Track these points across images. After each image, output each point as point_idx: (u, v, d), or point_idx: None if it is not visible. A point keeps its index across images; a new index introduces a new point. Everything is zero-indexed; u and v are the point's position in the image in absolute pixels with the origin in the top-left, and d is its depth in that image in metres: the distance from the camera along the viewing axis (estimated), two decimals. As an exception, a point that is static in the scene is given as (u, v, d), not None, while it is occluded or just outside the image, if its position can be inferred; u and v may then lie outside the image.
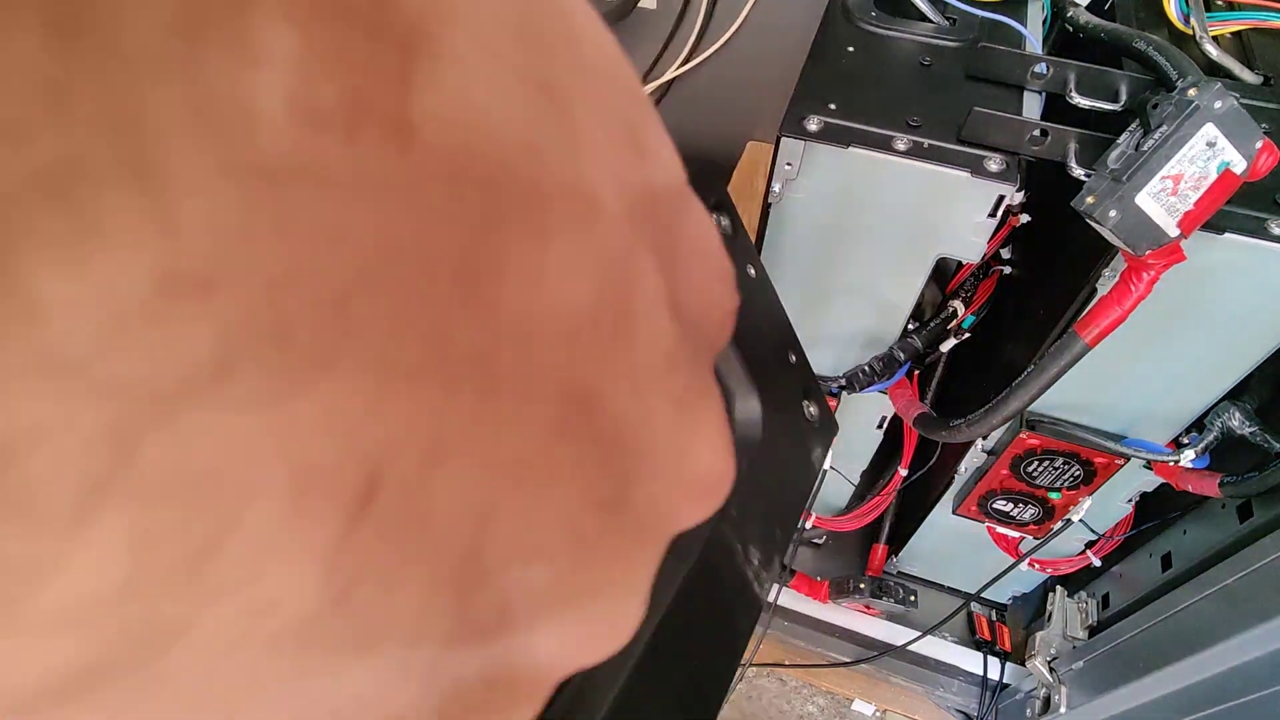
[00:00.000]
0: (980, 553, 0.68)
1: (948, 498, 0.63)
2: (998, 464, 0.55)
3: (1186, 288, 0.39)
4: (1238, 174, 0.33)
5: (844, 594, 0.74)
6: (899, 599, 0.72)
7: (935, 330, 0.52)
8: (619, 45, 0.11)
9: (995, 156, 0.40)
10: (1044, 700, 0.67)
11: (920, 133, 0.41)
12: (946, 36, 0.47)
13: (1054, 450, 0.52)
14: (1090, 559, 0.62)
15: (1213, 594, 0.51)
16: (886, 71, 0.45)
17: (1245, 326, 0.41)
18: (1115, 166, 0.35)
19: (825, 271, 0.49)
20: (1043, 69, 0.43)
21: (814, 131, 0.42)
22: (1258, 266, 0.38)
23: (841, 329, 0.53)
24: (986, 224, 0.42)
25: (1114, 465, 0.51)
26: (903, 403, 0.55)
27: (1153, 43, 0.39)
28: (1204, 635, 0.50)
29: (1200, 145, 0.32)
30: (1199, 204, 0.33)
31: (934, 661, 0.76)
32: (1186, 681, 0.51)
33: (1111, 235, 0.35)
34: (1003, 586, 0.71)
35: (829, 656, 0.77)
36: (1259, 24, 0.46)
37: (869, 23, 0.48)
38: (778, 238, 0.48)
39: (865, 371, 0.53)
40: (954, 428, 0.46)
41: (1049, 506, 0.57)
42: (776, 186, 0.44)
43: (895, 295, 0.49)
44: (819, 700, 0.90)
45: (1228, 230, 0.37)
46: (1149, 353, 0.44)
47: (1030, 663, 0.69)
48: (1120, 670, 0.58)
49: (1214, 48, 0.44)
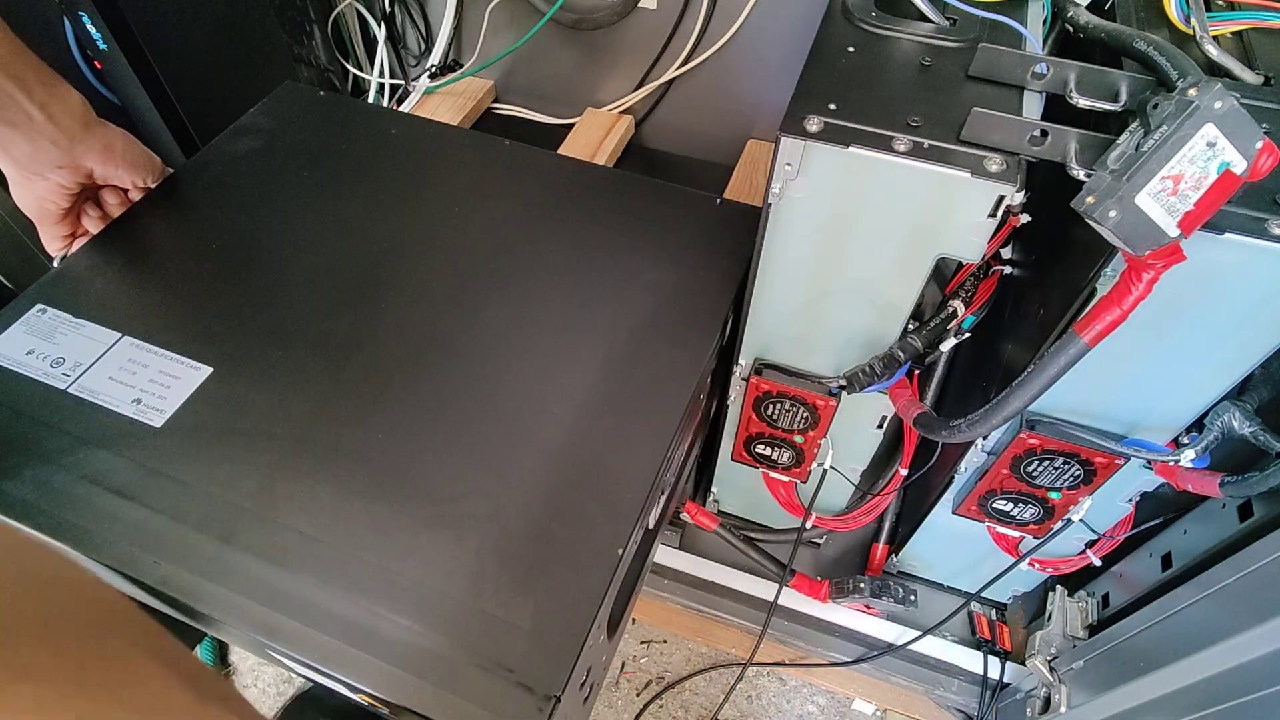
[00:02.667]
0: (980, 552, 0.69)
1: (948, 498, 0.63)
2: (998, 464, 0.55)
3: (1186, 288, 0.39)
4: (1238, 174, 0.33)
5: (844, 594, 0.74)
6: (899, 599, 0.72)
7: (935, 330, 0.52)
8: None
9: (995, 156, 0.40)
10: (1044, 700, 0.67)
11: (920, 133, 0.41)
12: (946, 36, 0.47)
13: (1054, 450, 0.52)
14: (1090, 558, 0.62)
15: (1213, 594, 0.51)
16: (886, 71, 0.45)
17: (1245, 326, 0.41)
18: (1115, 166, 0.35)
19: (825, 271, 0.49)
20: (1043, 69, 0.43)
21: (814, 131, 0.42)
22: (1258, 266, 0.38)
23: (841, 329, 0.53)
24: (986, 224, 0.42)
25: (1114, 465, 0.51)
26: (903, 403, 0.55)
27: (1153, 43, 0.39)
28: (1204, 635, 0.50)
29: (1200, 145, 0.32)
30: (1199, 204, 0.33)
31: (934, 661, 0.76)
32: (1186, 681, 0.51)
33: (1111, 235, 0.35)
34: (1003, 586, 0.71)
35: (829, 656, 0.77)
36: (1259, 24, 0.46)
37: (869, 23, 0.48)
38: (778, 237, 0.48)
39: (865, 371, 0.53)
40: (954, 428, 0.46)
41: (1049, 506, 0.57)
42: (776, 186, 0.44)
43: (895, 295, 0.49)
44: (819, 700, 0.90)
45: (1228, 230, 0.37)
46: (1149, 353, 0.44)
47: (1030, 662, 0.69)
48: (1120, 670, 0.58)
49: (1214, 48, 0.44)
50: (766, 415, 0.62)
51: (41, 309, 0.55)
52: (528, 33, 0.92)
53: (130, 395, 0.51)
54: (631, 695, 0.90)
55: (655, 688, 0.90)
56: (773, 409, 0.61)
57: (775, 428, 0.63)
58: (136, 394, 0.51)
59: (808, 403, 0.59)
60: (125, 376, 0.52)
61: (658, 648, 0.93)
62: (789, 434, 0.63)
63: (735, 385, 0.61)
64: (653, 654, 0.93)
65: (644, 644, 0.94)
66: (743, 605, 0.80)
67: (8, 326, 0.54)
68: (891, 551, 0.78)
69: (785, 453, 0.66)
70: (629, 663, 0.92)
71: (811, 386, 0.57)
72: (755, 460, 0.68)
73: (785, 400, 0.59)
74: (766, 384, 0.58)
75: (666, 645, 0.94)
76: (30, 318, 0.54)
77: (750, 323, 0.55)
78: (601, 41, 0.98)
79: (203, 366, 0.52)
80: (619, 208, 0.63)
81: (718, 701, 0.89)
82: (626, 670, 0.92)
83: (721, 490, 0.78)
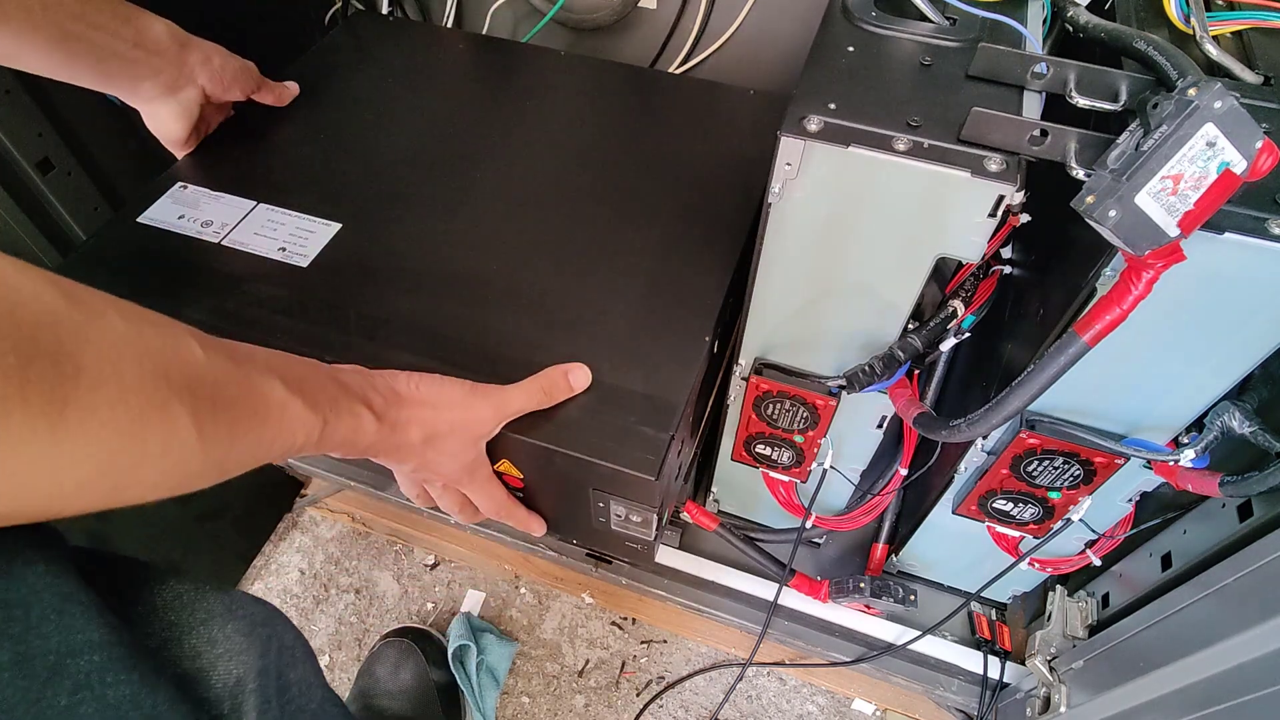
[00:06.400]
0: (980, 552, 0.68)
1: (948, 497, 0.63)
2: (998, 463, 0.55)
3: (1186, 288, 0.39)
4: (1238, 174, 0.33)
5: (844, 593, 0.74)
6: (899, 598, 0.72)
7: (935, 330, 0.52)
8: None
9: (995, 156, 0.40)
10: (1044, 699, 0.67)
11: (920, 133, 0.41)
12: (946, 36, 0.47)
13: (1054, 450, 0.52)
14: (1090, 558, 0.62)
15: (1213, 593, 0.51)
16: (886, 71, 0.45)
17: (1245, 326, 0.41)
18: (1115, 166, 0.35)
19: (825, 271, 0.49)
20: (1043, 69, 0.43)
21: (814, 131, 0.42)
22: (1258, 266, 0.38)
23: (841, 329, 0.53)
24: (986, 224, 0.42)
25: (1114, 465, 0.51)
26: (903, 403, 0.55)
27: (1153, 43, 0.39)
28: (1204, 635, 0.50)
29: (1200, 145, 0.32)
30: (1199, 204, 0.33)
31: (934, 661, 0.76)
32: (1186, 681, 0.51)
33: (1111, 235, 0.35)
34: (1003, 586, 0.71)
35: (829, 656, 0.77)
36: (1259, 24, 0.46)
37: (869, 23, 0.48)
38: (778, 238, 0.48)
39: (865, 371, 0.53)
40: (954, 428, 0.46)
41: (1049, 506, 0.57)
42: (776, 186, 0.44)
43: (895, 295, 0.49)
44: (819, 700, 0.90)
45: (1228, 230, 0.37)
46: (1149, 352, 0.44)
47: (1030, 662, 0.69)
48: (1120, 669, 0.58)
49: (1214, 47, 0.44)
50: (766, 415, 0.62)
51: (182, 185, 0.64)
52: (529, 33, 0.92)
53: (275, 245, 0.60)
54: (631, 695, 0.90)
55: (655, 688, 0.90)
56: (773, 409, 0.61)
57: (775, 428, 0.63)
58: (280, 244, 0.60)
59: (808, 402, 0.59)
60: (267, 232, 0.61)
61: (658, 648, 0.93)
62: (789, 434, 0.63)
63: (735, 385, 0.61)
64: (653, 654, 0.93)
65: (644, 644, 0.94)
66: (743, 605, 0.80)
67: (156, 200, 0.63)
68: (891, 551, 0.78)
69: (785, 453, 0.66)
70: (629, 663, 0.92)
71: (811, 386, 0.57)
72: (755, 460, 0.68)
73: (785, 400, 0.59)
74: (766, 384, 0.58)
75: (666, 645, 0.94)
76: (174, 192, 0.64)
77: (750, 322, 0.55)
78: (602, 41, 0.98)
79: (333, 223, 0.62)
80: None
81: (718, 701, 0.89)
82: (626, 670, 0.92)
83: (721, 490, 0.78)
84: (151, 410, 0.29)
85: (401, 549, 1.02)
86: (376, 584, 1.00)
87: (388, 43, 0.80)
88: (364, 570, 1.00)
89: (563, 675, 0.92)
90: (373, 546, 1.03)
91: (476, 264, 0.59)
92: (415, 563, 1.01)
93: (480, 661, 0.88)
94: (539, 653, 0.94)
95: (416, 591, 0.99)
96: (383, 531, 1.02)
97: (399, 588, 0.99)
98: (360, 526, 1.03)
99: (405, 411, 0.46)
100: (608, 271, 0.59)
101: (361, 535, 1.03)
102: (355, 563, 1.01)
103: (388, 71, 0.77)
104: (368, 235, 0.61)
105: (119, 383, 0.28)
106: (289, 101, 0.72)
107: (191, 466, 0.32)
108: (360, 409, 0.43)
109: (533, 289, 0.58)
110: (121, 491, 0.30)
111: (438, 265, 0.59)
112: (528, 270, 0.59)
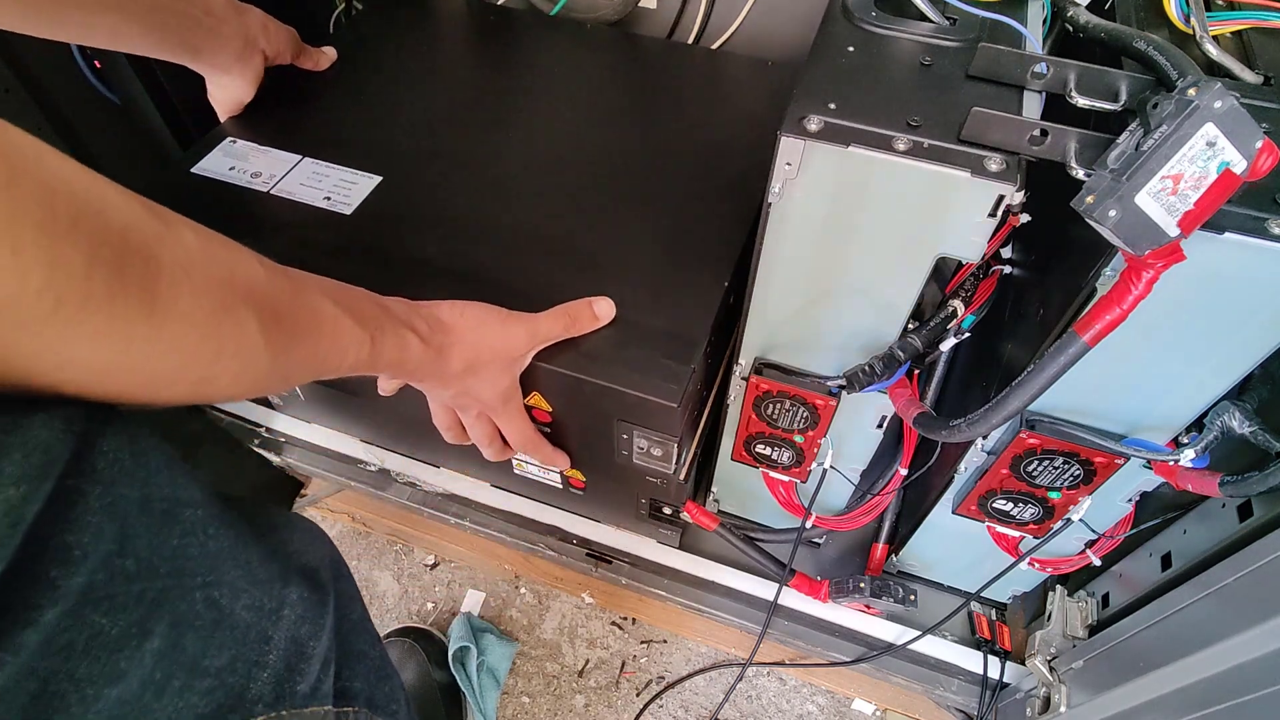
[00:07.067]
0: (980, 552, 0.68)
1: (948, 497, 0.63)
2: (998, 463, 0.55)
3: (1186, 288, 0.39)
4: (1238, 174, 0.33)
5: (844, 593, 0.74)
6: (899, 598, 0.72)
7: (935, 330, 0.52)
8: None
9: (995, 156, 0.40)
10: (1044, 699, 0.67)
11: (920, 133, 0.41)
12: (946, 36, 0.47)
13: (1054, 450, 0.52)
14: (1090, 558, 0.62)
15: (1212, 593, 0.51)
16: (886, 71, 0.45)
17: (1245, 326, 0.41)
18: (1115, 166, 0.35)
19: (825, 271, 0.49)
20: (1043, 69, 0.43)
21: (814, 131, 0.42)
22: (1258, 266, 0.38)
23: (841, 329, 0.53)
24: (986, 224, 0.42)
25: (1114, 465, 0.51)
26: (903, 403, 0.55)
27: (1153, 43, 0.39)
28: (1204, 635, 0.50)
29: (1200, 145, 0.32)
30: (1199, 204, 0.33)
31: (934, 661, 0.76)
32: (1186, 681, 0.51)
33: (1111, 235, 0.35)
34: (1003, 586, 0.71)
35: (829, 656, 0.77)
36: (1259, 24, 0.46)
37: (869, 23, 0.48)
38: (778, 237, 0.48)
39: (865, 371, 0.53)
40: (954, 428, 0.46)
41: (1049, 506, 0.57)
42: (776, 186, 0.44)
43: (895, 295, 0.49)
44: (819, 700, 0.90)
45: (1228, 230, 0.37)
46: (1149, 352, 0.44)
47: (1030, 662, 0.69)
48: (1120, 669, 0.58)
49: (1214, 47, 0.44)
50: (766, 415, 0.62)
51: (231, 140, 0.69)
52: (528, 32, 0.92)
53: (320, 195, 0.65)
54: (631, 695, 0.90)
55: (655, 688, 0.90)
56: (773, 409, 0.61)
57: (775, 427, 0.63)
58: (326, 193, 0.65)
59: (808, 402, 0.59)
60: (313, 183, 0.66)
61: (658, 648, 0.93)
62: (789, 434, 0.63)
63: (735, 385, 0.61)
64: (653, 654, 0.93)
65: (644, 644, 0.94)
66: (743, 605, 0.80)
67: (208, 152, 0.68)
68: (891, 551, 0.78)
69: (785, 452, 0.66)
70: (629, 663, 0.92)
71: (811, 386, 0.57)
72: (755, 460, 0.68)
73: (785, 400, 0.59)
74: (766, 384, 0.58)
75: (666, 645, 0.94)
76: (224, 146, 0.69)
77: (750, 322, 0.55)
78: (601, 41, 0.98)
79: (374, 176, 0.66)
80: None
81: (718, 701, 0.89)
82: (626, 670, 0.92)
83: (721, 490, 0.78)
84: (222, 312, 0.33)
85: (401, 549, 1.02)
86: (377, 584, 1.00)
87: (419, 15, 0.87)
88: (364, 570, 1.00)
89: (563, 675, 0.92)
90: (373, 546, 1.03)
91: (508, 214, 0.64)
92: (415, 562, 1.01)
93: (481, 662, 0.88)
94: (539, 653, 0.94)
95: (416, 591, 0.99)
96: (383, 531, 1.02)
97: (399, 587, 0.99)
98: (360, 526, 1.03)
99: (449, 337, 0.50)
100: (632, 222, 0.63)
101: (361, 535, 1.03)
102: (355, 562, 1.01)
103: (422, 36, 0.84)
104: (407, 187, 0.66)
105: (192, 285, 0.31)
106: (326, 67, 0.77)
107: (260, 367, 0.36)
108: (406, 333, 0.47)
109: (560, 236, 0.62)
110: (207, 384, 0.33)
111: (471, 214, 0.64)
112: (556, 220, 0.64)
